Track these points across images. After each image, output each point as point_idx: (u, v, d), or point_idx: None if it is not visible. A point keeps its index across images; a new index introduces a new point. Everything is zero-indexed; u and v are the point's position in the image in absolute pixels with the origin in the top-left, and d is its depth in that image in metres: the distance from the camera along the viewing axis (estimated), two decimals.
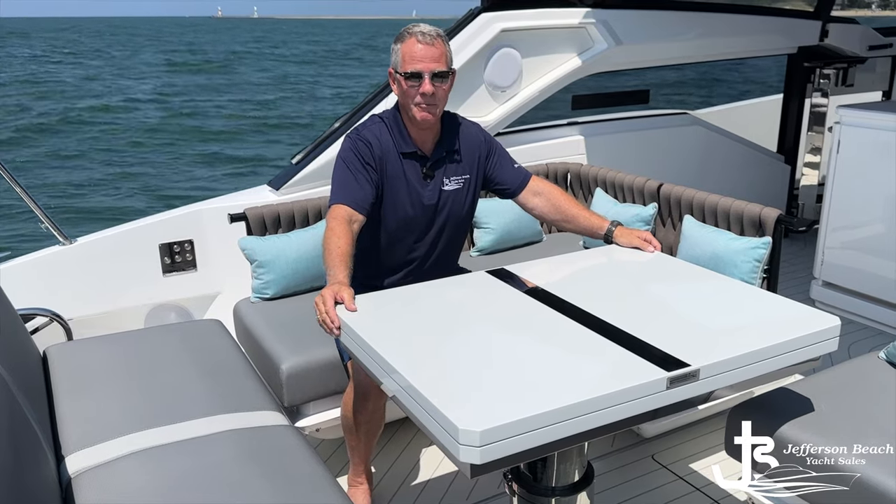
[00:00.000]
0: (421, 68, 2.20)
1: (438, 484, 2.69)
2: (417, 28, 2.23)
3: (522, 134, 4.29)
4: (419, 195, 2.33)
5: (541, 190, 2.49)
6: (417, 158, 2.34)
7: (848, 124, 3.94)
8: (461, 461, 1.38)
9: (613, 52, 4.14)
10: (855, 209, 3.97)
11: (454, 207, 2.39)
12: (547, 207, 2.48)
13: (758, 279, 2.78)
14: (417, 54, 2.20)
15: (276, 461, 1.92)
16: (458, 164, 2.39)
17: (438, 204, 2.36)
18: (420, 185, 2.33)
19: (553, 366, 1.63)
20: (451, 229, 2.43)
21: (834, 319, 1.78)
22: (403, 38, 2.24)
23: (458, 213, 2.41)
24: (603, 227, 2.39)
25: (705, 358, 1.58)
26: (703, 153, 4.92)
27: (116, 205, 12.03)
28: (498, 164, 2.48)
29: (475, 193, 2.45)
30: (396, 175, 2.31)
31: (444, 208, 2.38)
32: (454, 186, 2.38)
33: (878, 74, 5.71)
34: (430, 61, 2.21)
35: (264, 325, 2.80)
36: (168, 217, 3.42)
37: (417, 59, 2.20)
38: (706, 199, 3.13)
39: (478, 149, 2.44)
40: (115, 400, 2.19)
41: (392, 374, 1.62)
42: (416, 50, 2.20)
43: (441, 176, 2.36)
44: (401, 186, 2.32)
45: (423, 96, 2.22)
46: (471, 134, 2.45)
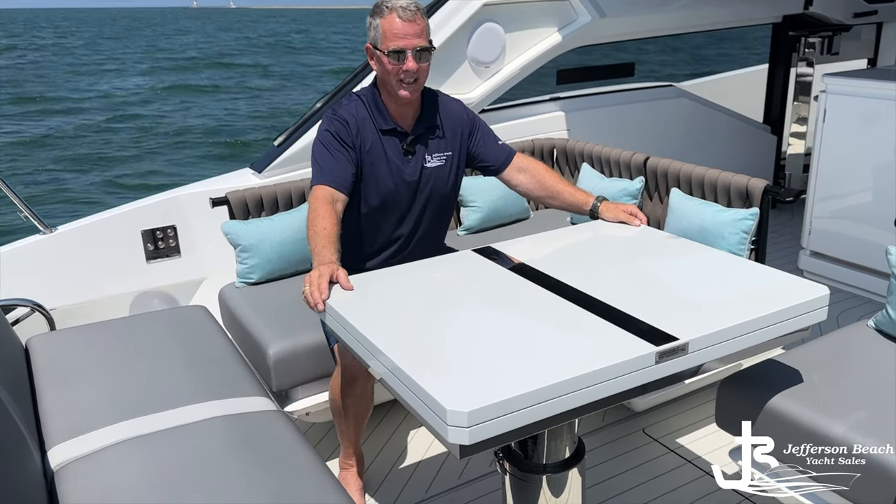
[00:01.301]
0: (404, 45, 2.16)
1: (430, 464, 2.69)
2: (397, 2, 2.17)
3: (507, 110, 4.25)
4: (400, 172, 2.30)
5: (525, 167, 2.47)
6: (397, 135, 2.31)
7: (834, 93, 3.92)
8: (450, 442, 1.36)
9: (597, 24, 4.09)
10: (842, 178, 3.96)
11: (437, 184, 2.37)
12: (532, 184, 2.46)
13: (746, 250, 2.77)
14: (399, 31, 2.16)
15: (265, 447, 1.90)
16: (440, 140, 2.36)
17: (420, 181, 2.33)
18: (401, 161, 2.31)
19: (541, 343, 1.61)
20: (435, 207, 2.41)
21: (822, 289, 1.77)
22: (382, 12, 2.19)
23: (441, 190, 2.39)
24: (588, 202, 2.37)
25: (694, 331, 1.57)
26: (689, 125, 4.90)
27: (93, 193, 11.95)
28: (482, 142, 2.45)
29: (458, 170, 2.42)
30: (376, 152, 2.28)
31: (426, 185, 2.35)
32: (436, 163, 2.35)
33: (864, 42, 5.68)
34: (413, 37, 2.17)
35: (250, 310, 2.76)
36: (150, 203, 3.38)
37: (400, 35, 2.16)
38: (693, 171, 3.11)
39: (460, 125, 2.41)
40: (100, 390, 2.16)
41: (378, 356, 1.59)
42: (398, 26, 2.16)
43: (423, 153, 2.33)
44: (381, 164, 2.29)
45: (406, 73, 2.19)
46: (453, 111, 2.42)
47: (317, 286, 1.84)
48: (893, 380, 2.07)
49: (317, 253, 1.99)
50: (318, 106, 3.56)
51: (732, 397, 2.10)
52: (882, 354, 2.20)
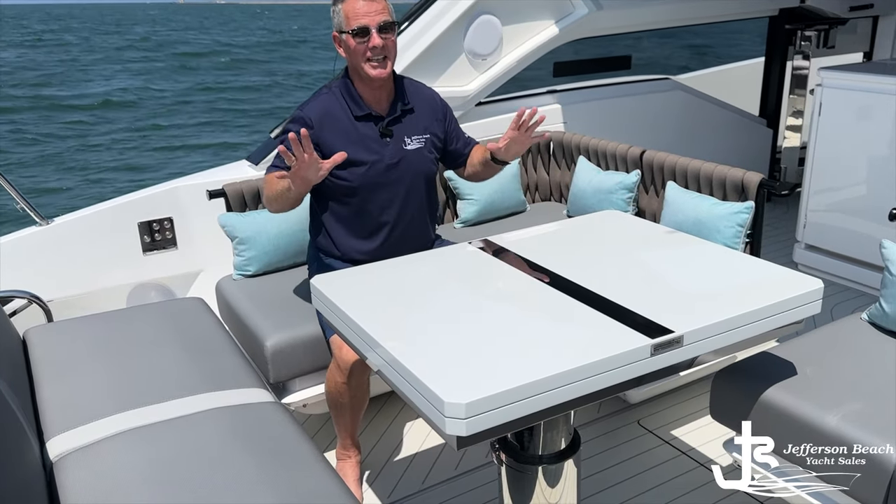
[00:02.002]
0: (367, 22, 2.22)
1: (427, 455, 2.71)
2: None
3: (503, 103, 4.25)
4: (380, 155, 2.36)
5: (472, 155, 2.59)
6: (373, 119, 2.36)
7: (829, 86, 3.93)
8: (447, 434, 1.38)
9: (594, 17, 4.09)
10: (837, 172, 3.98)
11: (419, 166, 2.42)
12: (468, 168, 2.58)
13: (741, 244, 2.79)
14: (361, 9, 2.22)
15: (262, 438, 1.91)
16: (417, 123, 2.43)
17: (401, 163, 2.38)
18: (379, 144, 2.36)
19: (537, 335, 1.62)
20: (419, 189, 2.45)
21: (816, 282, 1.78)
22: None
23: (424, 171, 2.44)
24: (487, 152, 2.47)
25: (689, 324, 1.58)
26: (686, 118, 4.91)
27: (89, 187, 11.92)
28: (454, 131, 2.55)
29: (437, 151, 2.49)
30: (353, 139, 2.33)
31: (408, 167, 2.40)
32: (416, 145, 2.41)
33: (859, 35, 5.69)
34: (376, 14, 2.23)
35: (247, 302, 2.77)
36: (147, 195, 3.38)
37: (361, 14, 2.22)
38: (689, 164, 3.12)
39: (436, 110, 2.49)
40: (98, 381, 2.16)
41: (376, 348, 1.61)
42: (359, 6, 2.23)
43: (401, 135, 2.39)
44: (359, 150, 2.33)
45: (373, 51, 2.24)
46: (428, 95, 2.50)
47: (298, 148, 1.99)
48: (886, 372, 2.09)
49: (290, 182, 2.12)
50: None
51: (726, 389, 2.12)
52: (875, 347, 2.22)
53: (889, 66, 4.39)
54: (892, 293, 2.24)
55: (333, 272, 2.13)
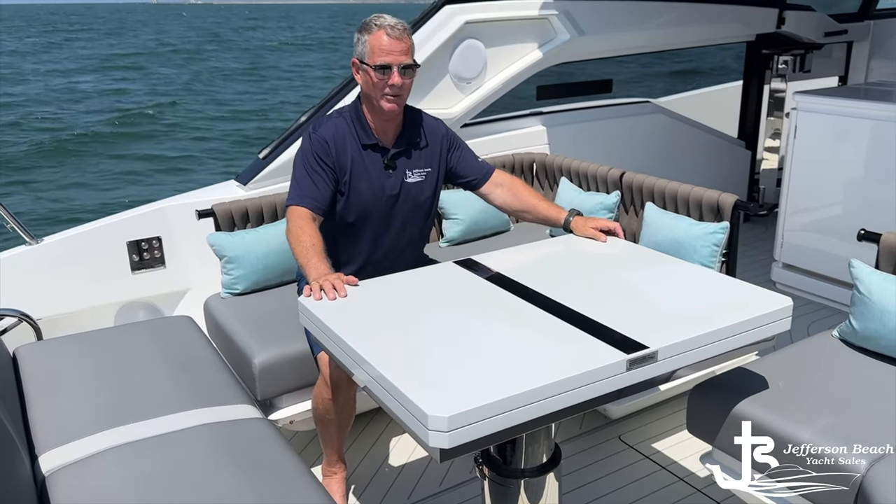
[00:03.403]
0: (390, 61, 2.27)
1: (412, 471, 2.74)
2: (385, 21, 2.29)
3: (487, 125, 4.33)
4: (381, 186, 2.39)
5: (503, 182, 2.58)
6: (378, 150, 2.40)
7: (804, 110, 4.04)
8: (431, 446, 1.43)
9: (576, 42, 4.20)
10: (812, 193, 4.08)
11: (417, 199, 2.45)
12: (509, 198, 2.56)
13: (717, 263, 2.86)
14: (387, 47, 2.27)
15: (250, 454, 1.95)
16: (420, 156, 2.46)
17: (401, 194, 2.42)
18: (382, 175, 2.39)
19: (518, 351, 1.68)
20: (415, 220, 2.49)
21: (786, 300, 1.85)
22: (371, 29, 2.29)
23: (421, 205, 2.47)
24: (561, 216, 2.48)
25: (663, 340, 1.65)
26: (666, 140, 5.02)
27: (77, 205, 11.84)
28: (461, 158, 2.55)
29: (438, 186, 2.51)
30: (357, 167, 2.37)
31: (406, 199, 2.44)
32: (417, 178, 2.44)
33: (835, 60, 5.85)
34: (400, 54, 2.28)
35: (235, 321, 2.81)
36: (135, 214, 3.41)
37: (387, 51, 2.27)
38: (666, 186, 3.20)
39: (440, 143, 2.50)
40: (88, 398, 2.20)
41: (362, 364, 1.66)
42: (385, 43, 2.27)
43: (403, 167, 2.42)
44: (362, 178, 2.37)
45: (391, 88, 2.29)
46: (433, 128, 2.52)
47: (330, 286, 1.96)
48: (855, 388, 2.16)
49: (313, 266, 2.08)
50: (302, 119, 3.62)
51: (703, 404, 2.19)
52: (845, 363, 2.30)
53: (862, 91, 4.53)
54: (861, 311, 2.32)
55: None
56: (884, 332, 2.24)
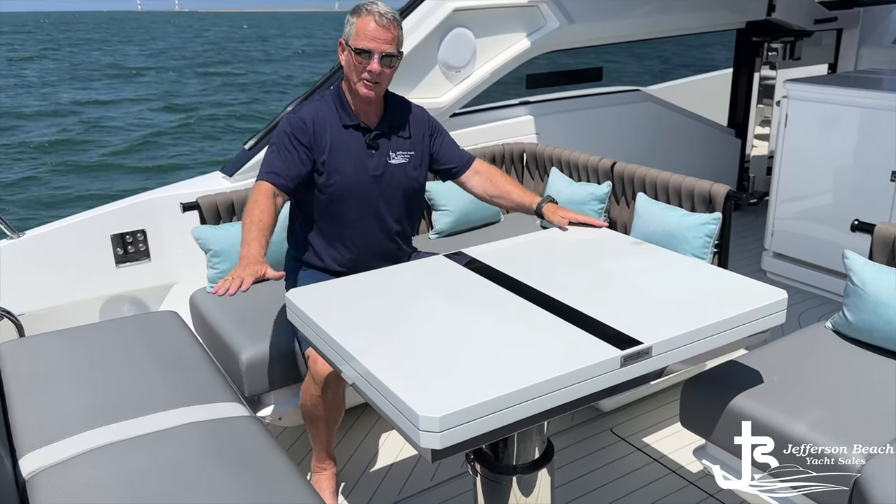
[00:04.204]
0: (372, 47, 2.26)
1: (402, 467, 2.72)
2: (376, 7, 2.28)
3: (477, 114, 4.29)
4: (363, 165, 2.39)
5: (481, 169, 2.61)
6: (360, 129, 2.40)
7: (795, 98, 4.03)
8: (422, 447, 1.40)
9: (566, 30, 4.15)
10: (803, 181, 4.07)
11: (402, 181, 2.45)
12: (486, 185, 2.59)
13: (709, 254, 2.84)
14: (371, 33, 2.26)
15: (237, 452, 1.91)
16: (403, 139, 2.46)
17: (384, 175, 2.41)
18: (364, 154, 2.39)
19: (510, 348, 1.65)
20: (400, 203, 2.48)
21: (781, 293, 1.83)
22: (360, 13, 2.29)
23: (405, 187, 2.47)
24: (535, 202, 2.50)
25: (657, 335, 1.62)
26: (656, 129, 4.99)
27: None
28: (444, 145, 2.57)
29: (422, 169, 2.52)
30: (337, 146, 2.36)
31: (391, 180, 2.43)
32: (401, 160, 2.45)
33: (824, 47, 5.84)
34: (383, 42, 2.27)
35: (222, 315, 2.77)
36: (119, 207, 3.35)
37: (370, 37, 2.26)
38: (658, 176, 3.18)
39: (423, 128, 2.52)
40: (71, 396, 2.15)
41: (351, 361, 1.62)
42: (371, 28, 2.26)
43: (387, 148, 2.42)
44: (345, 158, 2.37)
45: (369, 73, 2.29)
46: (416, 114, 2.53)
47: (238, 282, 1.90)
48: (849, 380, 2.15)
49: (247, 243, 2.06)
50: (288, 110, 3.56)
51: (695, 397, 2.17)
52: (839, 355, 2.29)
53: (852, 79, 4.51)
54: (855, 302, 2.30)
55: (308, 286, 2.14)
56: (878, 324, 2.23)
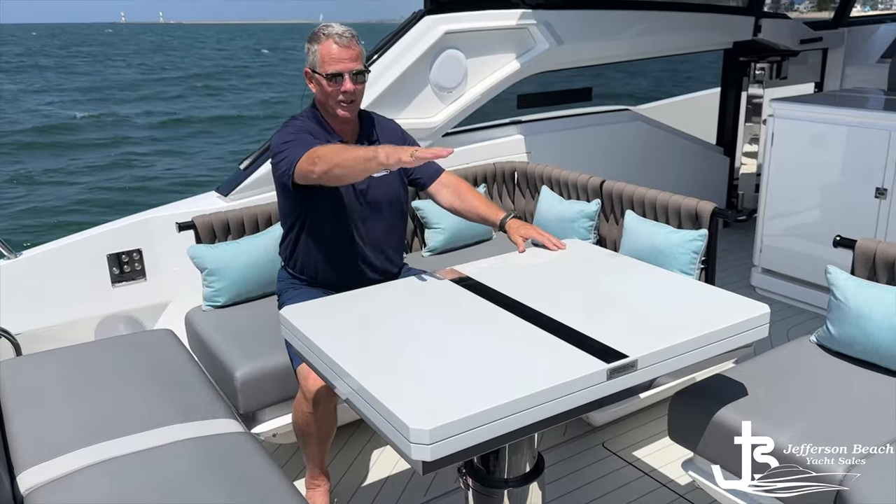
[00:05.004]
0: (341, 69, 2.33)
1: (395, 482, 2.74)
2: (332, 30, 2.35)
3: (468, 134, 4.35)
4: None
5: (449, 183, 2.62)
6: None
7: (781, 117, 4.10)
8: (413, 459, 1.43)
9: (555, 51, 4.23)
10: (790, 198, 4.13)
11: (386, 193, 2.50)
12: (454, 199, 2.59)
13: (696, 270, 2.89)
14: (336, 55, 2.33)
15: (233, 468, 1.94)
16: None
17: (369, 189, 2.46)
18: None
19: (499, 362, 1.69)
20: (387, 215, 2.53)
21: (764, 307, 1.87)
22: (319, 39, 2.35)
23: (390, 199, 2.52)
24: (498, 216, 2.51)
25: (642, 348, 1.66)
26: (646, 148, 5.06)
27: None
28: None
29: (403, 183, 2.57)
30: None
31: (376, 193, 2.48)
32: (382, 171, 2.45)
33: (810, 66, 5.94)
34: (349, 61, 2.34)
35: (217, 333, 2.80)
36: (115, 227, 3.39)
37: (337, 59, 2.33)
38: (646, 194, 3.23)
39: (396, 140, 2.55)
40: (68, 414, 2.18)
41: (344, 376, 1.66)
42: (335, 51, 2.33)
43: None
44: None
45: (344, 94, 2.35)
46: (388, 126, 2.61)
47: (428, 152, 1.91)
48: (832, 393, 2.19)
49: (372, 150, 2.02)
50: None
51: (682, 411, 2.20)
52: (822, 368, 2.33)
53: (836, 98, 4.60)
54: (837, 316, 2.35)
55: (302, 303, 2.17)
56: (860, 338, 2.28)
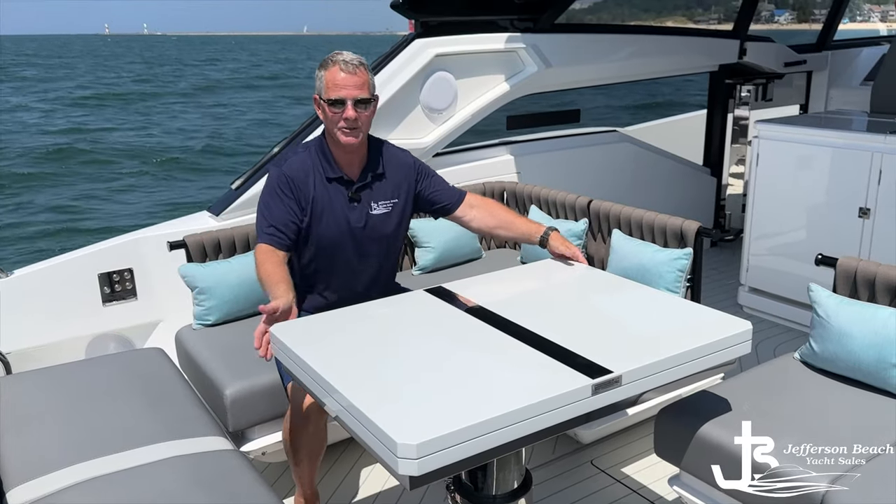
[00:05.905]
0: (344, 95, 2.31)
1: (385, 500, 2.75)
2: (340, 56, 2.33)
3: (458, 154, 4.40)
4: (346, 219, 2.41)
5: (477, 203, 2.60)
6: (343, 183, 2.42)
7: (766, 138, 4.17)
8: (400, 474, 1.45)
9: (544, 74, 4.29)
10: (775, 218, 4.19)
11: (383, 231, 2.47)
12: (485, 217, 2.58)
13: (682, 288, 2.93)
14: (340, 82, 2.31)
15: (222, 486, 1.95)
16: (386, 188, 2.47)
17: (366, 227, 2.43)
18: (347, 208, 2.41)
19: (485, 377, 1.72)
20: (381, 252, 2.51)
21: (746, 324, 1.91)
22: (327, 65, 2.34)
23: (387, 237, 2.49)
24: (540, 231, 2.50)
25: (627, 364, 1.69)
26: (633, 169, 5.11)
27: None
28: (432, 185, 2.57)
29: (404, 217, 2.53)
30: (322, 201, 2.39)
31: (372, 231, 2.45)
32: (382, 210, 2.46)
33: (795, 88, 6.03)
34: (353, 88, 2.31)
35: (207, 352, 2.81)
36: (107, 246, 3.41)
37: (340, 86, 2.31)
38: (632, 213, 3.28)
39: (407, 174, 2.52)
40: (58, 432, 2.18)
41: (333, 393, 1.68)
42: (339, 78, 2.31)
43: (368, 199, 2.44)
44: (327, 211, 2.39)
45: (346, 121, 2.32)
46: (399, 160, 2.53)
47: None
48: (814, 408, 2.23)
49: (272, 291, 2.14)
50: (275, 151, 3.65)
51: (669, 427, 2.23)
52: (805, 384, 2.37)
53: (820, 119, 4.68)
54: (820, 334, 2.39)
55: (291, 321, 2.19)
56: (842, 354, 2.31)
